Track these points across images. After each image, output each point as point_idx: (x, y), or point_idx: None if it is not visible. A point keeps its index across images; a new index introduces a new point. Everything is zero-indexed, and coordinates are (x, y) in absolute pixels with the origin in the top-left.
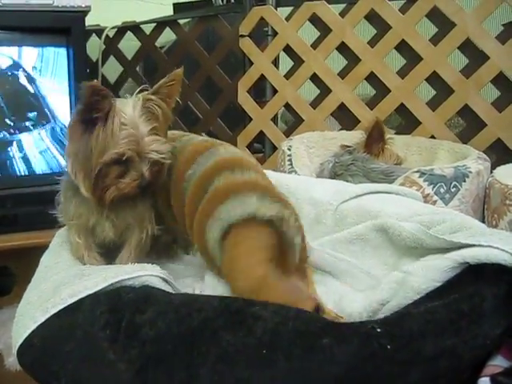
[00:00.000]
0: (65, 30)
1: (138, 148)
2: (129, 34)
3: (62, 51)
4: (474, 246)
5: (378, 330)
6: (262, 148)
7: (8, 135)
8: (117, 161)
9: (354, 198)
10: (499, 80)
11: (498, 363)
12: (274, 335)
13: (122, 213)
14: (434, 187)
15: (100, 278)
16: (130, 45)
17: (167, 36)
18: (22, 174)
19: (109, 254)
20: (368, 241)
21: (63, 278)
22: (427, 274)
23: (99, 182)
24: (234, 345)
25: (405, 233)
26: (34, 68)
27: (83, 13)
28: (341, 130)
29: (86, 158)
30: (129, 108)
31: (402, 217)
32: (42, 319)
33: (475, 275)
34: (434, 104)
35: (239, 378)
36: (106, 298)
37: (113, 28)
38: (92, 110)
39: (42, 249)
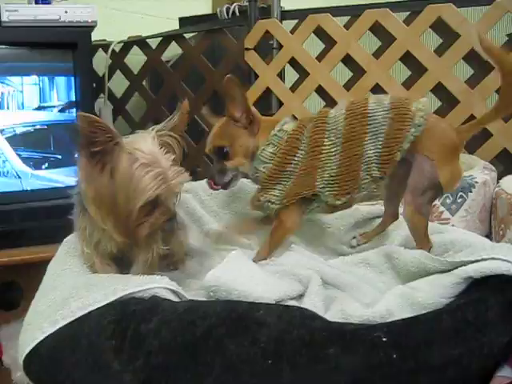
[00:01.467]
0: (71, 45)
1: (165, 185)
2: (135, 49)
3: (69, 66)
4: (476, 261)
5: (384, 339)
6: None
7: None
8: (148, 202)
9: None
10: None
11: (505, 374)
12: (278, 344)
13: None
14: (440, 198)
15: (109, 290)
16: (136, 59)
17: (173, 50)
18: (29, 188)
19: (122, 260)
20: (372, 266)
21: (72, 289)
22: (432, 290)
23: (130, 223)
24: (239, 354)
25: (408, 257)
26: (40, 83)
27: (89, 28)
28: None
29: (113, 204)
30: (147, 144)
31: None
32: (51, 330)
33: (479, 283)
34: (439, 115)
35: None
36: (113, 308)
37: (119, 43)
38: (91, 143)
39: (49, 263)
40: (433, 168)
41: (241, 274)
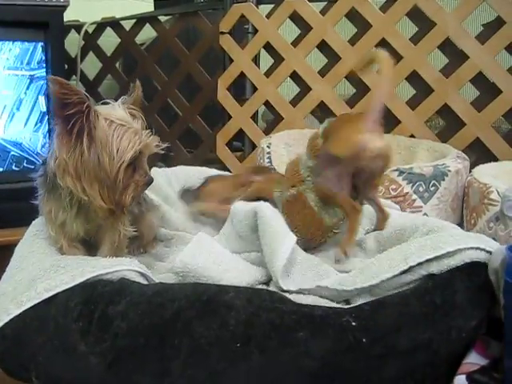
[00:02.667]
0: (43, 24)
1: (144, 142)
2: (108, 30)
3: (40, 46)
4: (441, 256)
5: (353, 323)
6: (242, 146)
7: None
8: (129, 163)
9: None
10: (479, 80)
11: (473, 361)
12: (247, 327)
13: (93, 215)
14: (412, 186)
15: (77, 271)
16: (109, 41)
17: (147, 33)
18: None
19: (89, 242)
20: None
21: (39, 270)
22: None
23: (117, 186)
24: (207, 337)
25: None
26: (11, 63)
27: (62, 7)
28: None
29: (97, 170)
30: (117, 110)
31: None
32: (16, 312)
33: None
34: (413, 103)
35: (212, 371)
36: (81, 290)
37: (92, 24)
38: (65, 106)
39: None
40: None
41: (209, 260)
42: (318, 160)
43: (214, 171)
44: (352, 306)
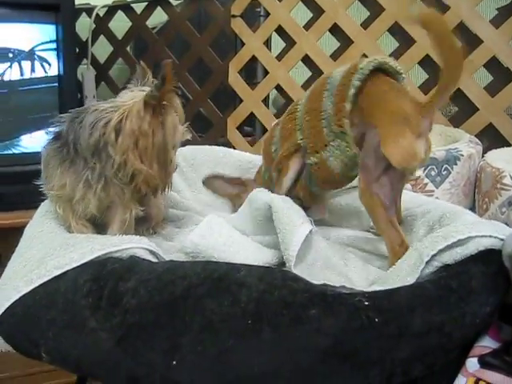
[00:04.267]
0: (54, 6)
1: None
2: (119, 14)
3: (51, 29)
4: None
5: (366, 303)
6: (253, 131)
7: None
8: None
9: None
10: (492, 64)
11: (485, 344)
12: (259, 304)
13: (111, 191)
14: (424, 170)
15: (87, 249)
16: (120, 25)
17: (159, 17)
18: (6, 152)
19: (98, 222)
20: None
21: (48, 249)
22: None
23: (168, 169)
24: (218, 314)
25: None
26: (22, 45)
27: None
28: None
29: (161, 150)
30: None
31: None
32: (26, 289)
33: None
34: (426, 87)
35: (223, 348)
36: (90, 267)
37: (103, 7)
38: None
39: None
40: (376, 137)
41: (219, 241)
42: (351, 131)
43: (223, 149)
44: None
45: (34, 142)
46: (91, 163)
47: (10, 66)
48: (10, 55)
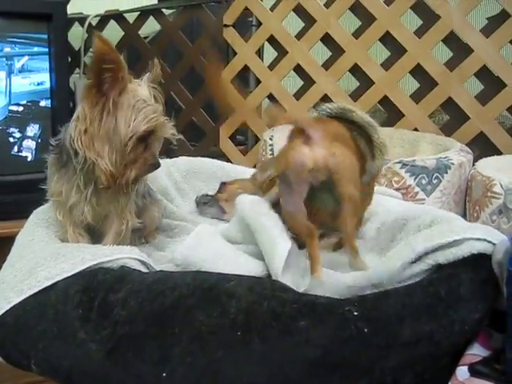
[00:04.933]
0: (46, 16)
1: (160, 121)
2: (112, 23)
3: (43, 38)
4: (447, 244)
5: (355, 313)
6: (245, 140)
7: None
8: (142, 137)
9: None
10: (483, 73)
11: (475, 352)
12: (248, 315)
13: (104, 199)
14: (415, 178)
15: (78, 259)
16: (113, 34)
17: (151, 26)
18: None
19: (94, 231)
20: None
21: (39, 259)
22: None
23: (125, 155)
24: (208, 325)
25: None
26: (14, 55)
27: (65, 0)
28: None
29: (111, 131)
30: (143, 89)
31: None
32: (17, 300)
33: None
34: (417, 96)
35: (212, 359)
36: (81, 278)
37: (96, 16)
38: (103, 61)
39: None
40: None
41: (209, 253)
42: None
43: (217, 162)
44: (355, 296)
45: (23, 151)
46: (78, 166)
47: (3, 76)
48: (3, 64)
